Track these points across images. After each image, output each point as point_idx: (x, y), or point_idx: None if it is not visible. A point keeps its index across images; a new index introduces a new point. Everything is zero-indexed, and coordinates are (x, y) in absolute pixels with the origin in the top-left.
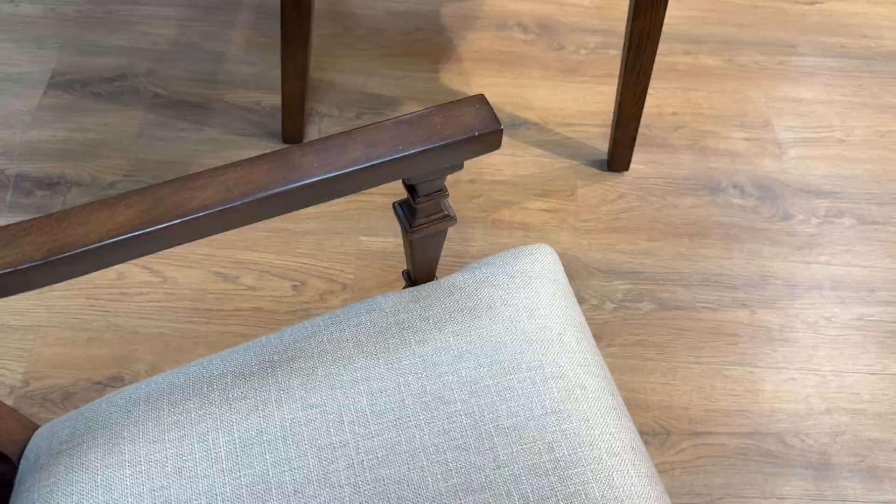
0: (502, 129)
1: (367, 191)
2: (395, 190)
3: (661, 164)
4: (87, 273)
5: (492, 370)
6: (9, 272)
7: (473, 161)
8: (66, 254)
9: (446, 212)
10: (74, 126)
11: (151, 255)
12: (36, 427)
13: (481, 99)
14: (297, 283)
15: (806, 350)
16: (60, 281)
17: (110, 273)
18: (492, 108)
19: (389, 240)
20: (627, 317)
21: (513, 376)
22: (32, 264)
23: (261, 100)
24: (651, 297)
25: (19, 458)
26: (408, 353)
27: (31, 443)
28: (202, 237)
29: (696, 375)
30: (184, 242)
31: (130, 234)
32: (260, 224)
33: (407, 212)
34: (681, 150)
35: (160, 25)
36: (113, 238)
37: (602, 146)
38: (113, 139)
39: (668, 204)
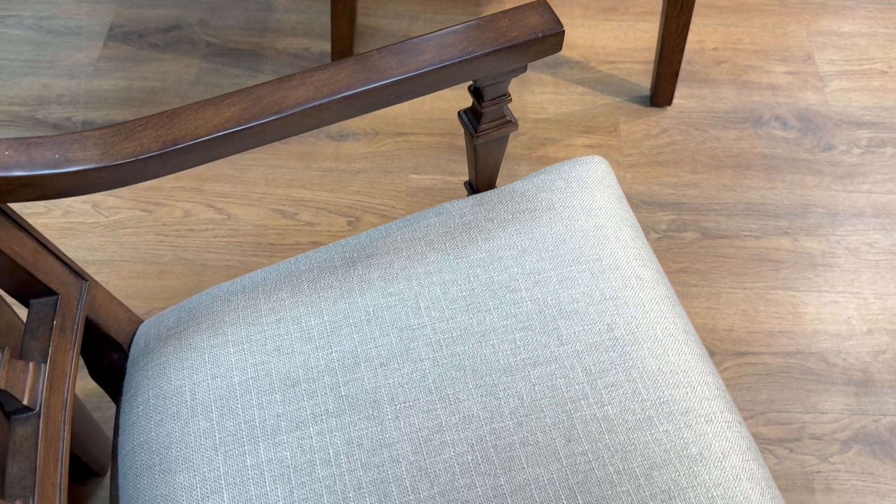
0: (564, 31)
1: (414, 131)
2: (442, 131)
3: (703, 98)
4: (197, 165)
5: (553, 262)
6: (130, 161)
7: (516, 100)
8: (179, 146)
9: (508, 117)
10: (134, 75)
11: (215, 195)
12: (140, 320)
13: (544, 4)
14: (352, 219)
15: (848, 274)
16: (173, 172)
17: (177, 211)
18: (554, 12)
19: (437, 177)
20: (671, 246)
21: (573, 268)
22: (150, 155)
23: (309, 46)
24: (695, 227)
25: (129, 347)
26: (475, 248)
27: (138, 332)
28: (296, 133)
29: (739, 300)
30: (280, 138)
31: (234, 129)
32: (314, 164)
33: (472, 118)
34: (723, 85)
35: None
36: (219, 132)
37: (644, 82)
38: (171, 87)
39: (711, 137)
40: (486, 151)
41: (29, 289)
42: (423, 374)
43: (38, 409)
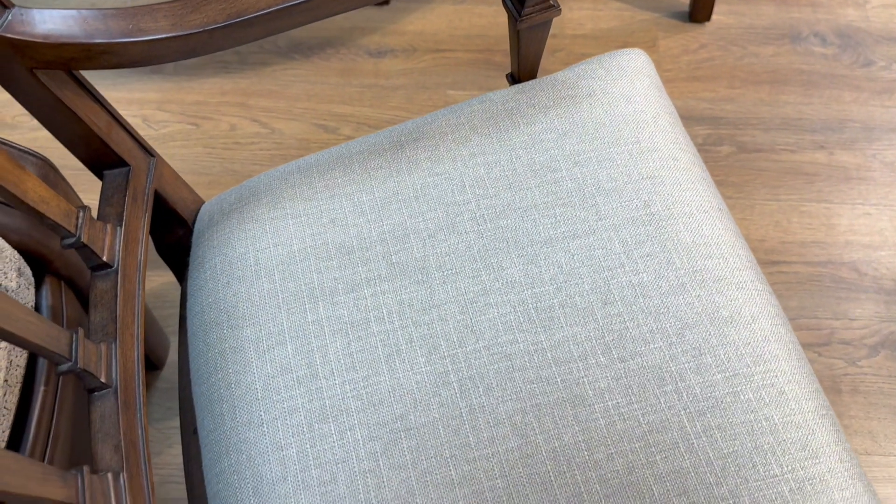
0: None
1: (452, 47)
2: (479, 47)
3: (742, 14)
4: (258, 38)
5: (593, 144)
6: (197, 32)
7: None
8: (242, 17)
9: (551, 1)
10: None
11: (259, 109)
12: (203, 200)
13: None
14: None
15: (882, 188)
16: (236, 44)
17: (223, 125)
18: None
19: (475, 93)
20: (707, 159)
21: (612, 149)
22: (216, 26)
23: None
24: (731, 141)
25: (192, 225)
26: (517, 132)
27: (202, 210)
28: (349, 10)
29: (773, 211)
30: (335, 13)
31: (293, 3)
32: (354, 80)
33: (516, 2)
34: (762, 1)
35: None
36: (280, 5)
37: None
38: None
39: (749, 53)
40: (528, 38)
41: (103, 159)
42: (469, 244)
43: (115, 266)
